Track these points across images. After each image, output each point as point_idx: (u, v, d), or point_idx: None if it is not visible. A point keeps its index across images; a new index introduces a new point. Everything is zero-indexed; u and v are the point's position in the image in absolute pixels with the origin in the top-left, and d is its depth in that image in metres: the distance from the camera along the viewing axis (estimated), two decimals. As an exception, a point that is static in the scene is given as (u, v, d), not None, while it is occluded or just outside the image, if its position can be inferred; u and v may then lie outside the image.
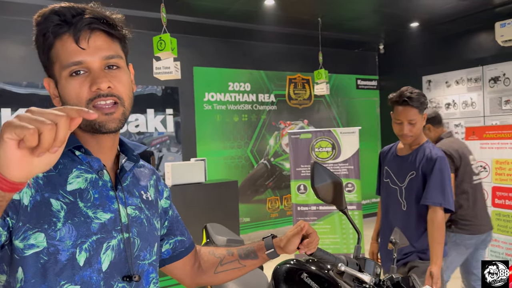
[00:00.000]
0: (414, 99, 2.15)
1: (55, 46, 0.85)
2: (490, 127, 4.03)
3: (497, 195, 3.90)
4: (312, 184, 1.27)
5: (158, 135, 5.77)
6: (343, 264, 1.19)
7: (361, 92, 7.91)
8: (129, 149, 0.99)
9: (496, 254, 3.88)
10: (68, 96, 0.84)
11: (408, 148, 2.31)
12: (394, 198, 2.32)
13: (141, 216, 0.96)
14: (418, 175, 2.21)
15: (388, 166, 2.39)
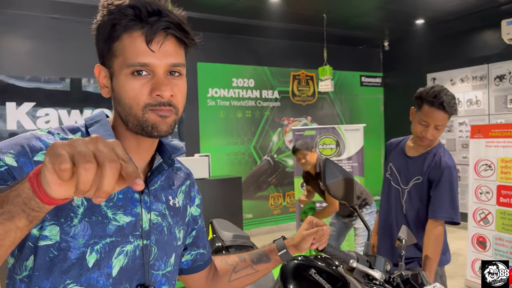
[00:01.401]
0: (450, 104, 1.92)
1: (122, 39, 0.80)
2: (495, 126, 4.01)
3: (502, 194, 3.88)
4: (324, 180, 1.26)
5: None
6: (355, 261, 1.18)
7: (365, 89, 7.89)
8: (166, 151, 0.94)
9: (501, 253, 3.87)
10: (126, 94, 0.81)
11: (417, 149, 2.13)
12: (395, 198, 2.19)
13: (163, 223, 0.91)
14: (423, 182, 2.06)
15: (393, 163, 2.22)
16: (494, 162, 3.97)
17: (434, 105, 1.92)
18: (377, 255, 1.30)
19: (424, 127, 1.98)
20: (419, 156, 2.11)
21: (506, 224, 3.85)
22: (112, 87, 0.84)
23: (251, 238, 6.36)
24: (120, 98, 0.82)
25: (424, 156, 2.09)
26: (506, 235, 3.83)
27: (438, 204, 1.99)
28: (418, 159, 2.10)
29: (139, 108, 0.80)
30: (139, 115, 0.80)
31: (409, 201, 2.13)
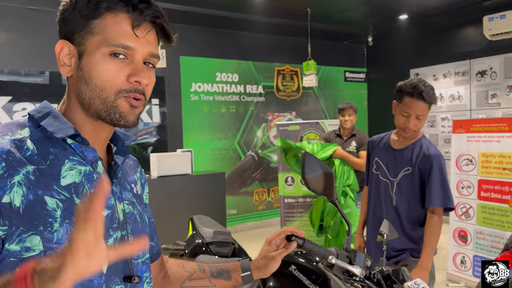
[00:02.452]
0: (428, 93, 2.02)
1: (105, 18, 0.77)
2: (477, 120, 4.05)
3: (483, 188, 3.92)
4: (303, 174, 1.22)
5: (144, 126, 5.67)
6: (334, 257, 1.15)
7: (349, 85, 7.90)
8: (119, 139, 0.92)
9: (481, 246, 3.92)
10: (100, 74, 0.76)
11: (403, 142, 2.20)
12: (385, 192, 2.23)
13: (135, 211, 0.90)
14: (414, 172, 2.12)
15: (379, 157, 2.27)
16: (475, 157, 4.00)
17: (414, 96, 2.02)
18: (357, 251, 1.27)
19: (406, 118, 2.06)
20: (406, 148, 2.17)
21: (486, 218, 3.89)
22: (79, 66, 0.79)
23: (235, 234, 6.32)
24: (90, 78, 0.77)
25: (412, 147, 2.15)
26: (487, 228, 3.87)
27: (432, 193, 2.07)
28: (406, 150, 2.16)
29: (112, 92, 0.77)
30: (110, 99, 0.77)
31: (399, 192, 2.17)
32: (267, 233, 6.34)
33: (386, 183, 2.23)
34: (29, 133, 0.78)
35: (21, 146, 0.74)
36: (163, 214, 4.03)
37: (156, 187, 4.07)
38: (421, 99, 2.00)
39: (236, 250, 2.24)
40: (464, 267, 4.08)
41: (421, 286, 1.26)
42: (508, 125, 3.76)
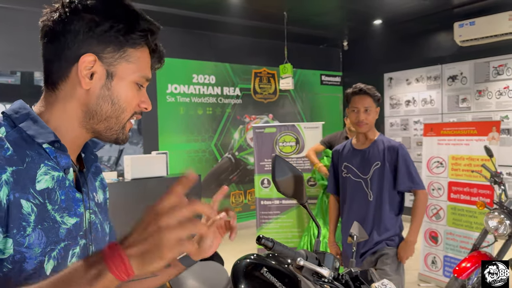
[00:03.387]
0: (369, 89, 2.35)
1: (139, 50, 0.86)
2: (447, 124, 4.17)
3: (453, 190, 4.03)
4: (273, 177, 1.24)
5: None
6: (302, 259, 1.16)
7: (325, 88, 8.00)
8: (88, 147, 0.93)
9: (451, 247, 4.03)
10: (126, 98, 0.85)
11: (364, 142, 2.44)
12: (359, 190, 2.40)
13: (96, 221, 0.90)
14: (384, 165, 2.34)
15: (347, 161, 2.46)
16: (445, 159, 4.12)
17: (356, 93, 2.37)
18: (326, 252, 1.29)
19: (356, 113, 2.34)
20: (371, 145, 2.41)
21: (456, 219, 4.00)
22: (106, 85, 0.83)
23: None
24: (118, 99, 0.84)
25: (375, 144, 2.40)
26: (457, 229, 3.98)
27: (408, 177, 2.34)
28: (371, 148, 2.40)
29: (129, 114, 0.86)
30: (124, 121, 0.86)
31: (374, 186, 2.36)
32: (243, 235, 6.33)
33: (359, 182, 2.41)
34: (4, 133, 0.76)
35: (2, 145, 0.73)
36: (138, 217, 3.97)
37: (130, 190, 4.02)
38: (363, 93, 2.33)
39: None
40: (435, 267, 4.18)
41: (388, 286, 1.29)
42: (476, 129, 3.88)
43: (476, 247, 3.45)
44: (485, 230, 3.39)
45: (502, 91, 5.76)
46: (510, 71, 5.67)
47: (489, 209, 3.33)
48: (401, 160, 2.34)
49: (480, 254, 3.34)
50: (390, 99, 7.22)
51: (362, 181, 2.40)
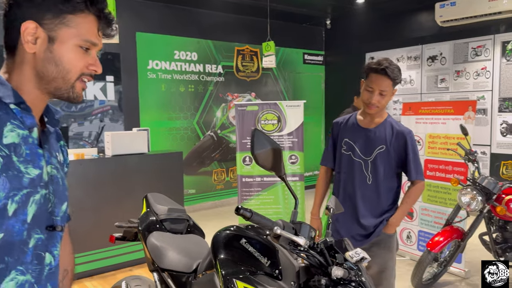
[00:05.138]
0: (392, 70, 2.10)
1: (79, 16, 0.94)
2: (425, 103, 4.25)
3: (429, 168, 4.15)
4: (252, 150, 1.26)
5: (100, 105, 5.51)
6: (279, 228, 1.21)
7: (307, 67, 8.01)
8: (50, 112, 1.04)
9: (426, 222, 4.17)
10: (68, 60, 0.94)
11: (371, 121, 2.25)
12: (358, 171, 2.25)
13: (58, 175, 1.01)
14: (388, 150, 2.20)
15: (350, 138, 2.29)
16: (422, 138, 4.22)
17: (378, 71, 2.11)
18: (302, 222, 1.34)
19: (370, 93, 2.14)
20: (378, 127, 2.24)
21: (431, 196, 4.13)
22: (49, 49, 0.93)
23: (193, 213, 6.31)
24: (60, 61, 0.93)
25: (383, 126, 2.24)
26: (431, 205, 4.12)
27: (415, 167, 2.23)
28: (378, 129, 2.23)
29: (75, 75, 0.95)
30: (71, 81, 0.95)
31: (375, 170, 2.24)
32: (225, 212, 6.41)
33: (359, 163, 2.25)
34: None
35: None
36: (119, 193, 3.98)
37: (110, 166, 4.01)
38: (384, 74, 2.09)
39: (190, 226, 2.27)
40: (409, 242, 4.33)
41: (361, 255, 1.35)
42: (453, 108, 3.97)
43: (449, 222, 3.59)
44: (458, 206, 3.53)
45: (479, 72, 5.88)
46: (488, 52, 5.78)
47: (463, 186, 3.46)
48: (411, 149, 2.20)
49: (453, 229, 3.48)
50: (371, 78, 7.28)
51: (362, 162, 2.24)
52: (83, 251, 3.85)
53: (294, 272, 1.44)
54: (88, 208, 3.83)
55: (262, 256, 1.51)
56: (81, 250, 3.84)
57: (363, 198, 2.25)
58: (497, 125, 5.73)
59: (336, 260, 1.37)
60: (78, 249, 3.82)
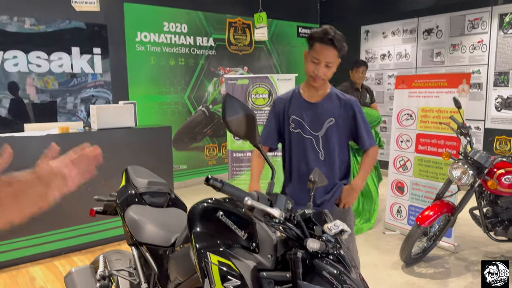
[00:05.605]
0: (339, 40, 1.98)
1: None
2: (418, 76, 4.15)
3: (421, 142, 4.09)
4: (224, 116, 1.18)
5: (92, 79, 5.38)
6: (250, 198, 1.13)
7: (302, 41, 7.83)
8: None
9: (416, 197, 4.14)
10: None
11: (316, 94, 2.15)
12: (310, 149, 2.15)
13: None
14: (338, 121, 2.12)
15: (297, 115, 2.15)
16: (415, 112, 4.14)
17: (324, 41, 1.98)
18: (278, 193, 1.27)
19: (316, 65, 2.02)
20: (324, 100, 2.14)
21: (422, 170, 4.09)
22: None
23: (184, 188, 6.27)
24: None
25: (329, 97, 2.15)
26: (422, 180, 4.08)
27: (367, 134, 2.17)
28: (324, 102, 2.14)
29: None
30: None
31: (327, 145, 2.16)
32: (217, 187, 6.37)
33: (310, 139, 2.15)
34: None
35: None
36: (105, 168, 3.89)
37: (96, 140, 3.91)
38: (330, 44, 1.97)
39: (172, 200, 2.21)
40: (400, 216, 4.31)
41: (340, 227, 1.29)
42: (447, 81, 3.88)
43: (440, 196, 3.55)
44: (449, 180, 3.48)
45: (476, 45, 5.76)
46: (485, 25, 5.64)
47: (454, 160, 3.40)
48: (360, 117, 2.14)
49: (443, 203, 3.44)
50: (366, 52, 7.14)
51: (313, 139, 2.15)
52: (70, 225, 3.80)
53: (271, 245, 1.39)
54: (74, 183, 3.75)
55: (239, 229, 1.45)
56: (68, 224, 3.79)
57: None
58: (492, 99, 5.65)
59: (314, 233, 1.31)
60: (65, 224, 3.78)
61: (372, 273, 3.39)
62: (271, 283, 1.35)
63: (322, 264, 1.22)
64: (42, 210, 0.90)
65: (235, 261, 1.37)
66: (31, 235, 3.62)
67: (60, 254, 3.80)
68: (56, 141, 3.84)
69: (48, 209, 0.97)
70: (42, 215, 3.68)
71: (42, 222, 3.64)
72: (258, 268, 1.38)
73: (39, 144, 3.54)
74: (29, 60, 4.90)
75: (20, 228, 3.57)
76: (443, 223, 3.54)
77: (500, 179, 3.25)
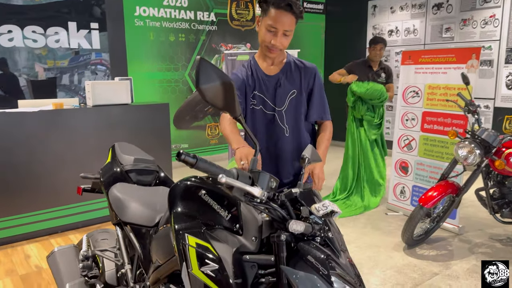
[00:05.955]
0: (296, 4, 1.76)
1: None
2: (425, 51, 3.96)
3: (426, 120, 3.94)
4: (197, 84, 1.05)
5: (96, 57, 5.26)
6: (224, 176, 1.02)
7: (306, 16, 7.58)
8: None
9: (421, 177, 4.01)
10: None
11: (273, 65, 1.94)
12: (273, 126, 1.96)
13: None
14: (300, 93, 1.95)
15: (258, 90, 1.94)
16: (421, 89, 3.97)
17: (281, 7, 1.74)
18: (261, 171, 1.15)
19: (273, 34, 1.78)
20: (282, 70, 1.93)
21: (427, 150, 3.95)
22: None
23: (184, 167, 6.17)
24: None
25: (288, 67, 1.94)
26: (427, 160, 3.95)
27: (323, 107, 2.00)
28: (283, 73, 1.93)
29: None
30: None
31: (291, 120, 1.97)
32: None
33: (272, 115, 1.96)
34: None
35: None
36: (101, 145, 3.81)
37: (91, 117, 3.82)
38: (289, 10, 1.74)
39: (160, 178, 2.11)
40: (403, 197, 4.20)
41: (329, 208, 1.18)
42: (455, 56, 3.70)
43: (445, 176, 3.42)
44: (455, 159, 3.34)
45: (487, 20, 5.51)
46: (498, -1, 5.39)
47: (461, 139, 3.26)
48: (318, 85, 1.97)
49: (448, 184, 3.32)
50: (373, 28, 6.90)
51: (276, 115, 1.95)
52: (67, 203, 3.74)
53: (256, 226, 1.28)
54: (69, 161, 3.68)
55: (222, 209, 1.35)
56: (65, 202, 3.73)
57: (284, 153, 1.98)
58: (503, 77, 5.44)
59: (301, 214, 1.20)
60: (62, 202, 3.72)
61: (373, 254, 3.30)
62: (254, 267, 1.25)
63: (307, 247, 1.12)
64: None
65: (216, 244, 1.27)
66: (28, 212, 3.57)
67: (56, 232, 3.76)
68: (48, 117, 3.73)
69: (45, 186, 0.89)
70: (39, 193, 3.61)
71: (39, 200, 3.59)
72: (241, 251, 1.28)
73: (31, 121, 3.45)
74: (25, 35, 4.77)
75: (16, 205, 3.51)
76: (447, 204, 3.42)
77: (509, 159, 3.11)
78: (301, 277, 1.07)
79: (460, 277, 2.94)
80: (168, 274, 1.42)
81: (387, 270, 3.04)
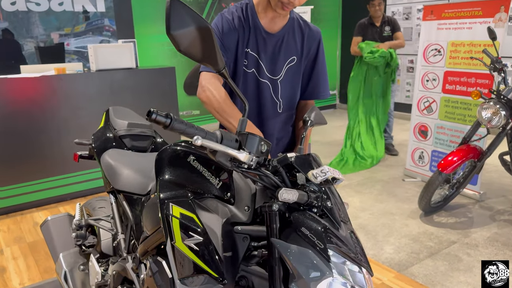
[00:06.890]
0: None
1: None
2: (449, 5, 3.65)
3: (449, 81, 3.68)
4: (168, 29, 0.89)
5: (110, 22, 5.11)
6: (200, 138, 0.87)
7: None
8: None
9: (441, 141, 3.80)
10: None
11: (274, 21, 1.51)
12: (267, 98, 1.60)
13: None
14: (300, 61, 1.59)
15: (253, 48, 1.53)
16: (444, 47, 3.69)
17: None
18: (250, 133, 1.00)
19: None
20: (284, 29, 1.53)
21: (449, 112, 3.71)
22: None
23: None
24: None
25: (291, 26, 1.54)
26: (448, 123, 3.72)
27: (325, 82, 1.67)
28: (286, 33, 1.54)
29: None
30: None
31: (286, 93, 1.62)
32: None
33: (267, 85, 1.59)
34: None
35: None
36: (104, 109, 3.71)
37: (95, 82, 3.70)
38: None
39: (157, 144, 1.98)
40: (422, 162, 4.01)
41: (328, 173, 1.03)
42: (482, 10, 3.39)
43: (466, 140, 3.21)
44: (478, 122, 3.12)
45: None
46: None
47: (485, 99, 3.02)
48: (322, 55, 1.62)
49: (469, 148, 3.11)
50: (393, -16, 6.47)
51: (269, 84, 1.58)
52: (76, 170, 3.69)
53: (249, 195, 1.15)
54: (72, 127, 3.60)
55: (213, 177, 1.22)
56: (75, 169, 3.68)
57: (274, 132, 1.66)
58: (534, 34, 5.05)
59: (297, 181, 1.05)
60: (71, 169, 3.67)
61: (388, 222, 3.17)
62: (246, 239, 1.13)
63: (302, 218, 0.98)
64: None
65: (203, 214, 1.15)
66: (37, 180, 3.54)
67: (65, 200, 3.74)
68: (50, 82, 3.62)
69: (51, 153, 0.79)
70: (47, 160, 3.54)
71: (47, 167, 3.55)
72: (232, 221, 1.15)
73: (33, 86, 3.36)
74: (27, -2, 4.62)
75: (25, 173, 3.48)
76: (468, 169, 3.22)
77: (538, 120, 2.87)
78: (294, 251, 0.94)
79: (479, 245, 2.79)
80: (155, 245, 1.31)
81: (402, 238, 2.91)
